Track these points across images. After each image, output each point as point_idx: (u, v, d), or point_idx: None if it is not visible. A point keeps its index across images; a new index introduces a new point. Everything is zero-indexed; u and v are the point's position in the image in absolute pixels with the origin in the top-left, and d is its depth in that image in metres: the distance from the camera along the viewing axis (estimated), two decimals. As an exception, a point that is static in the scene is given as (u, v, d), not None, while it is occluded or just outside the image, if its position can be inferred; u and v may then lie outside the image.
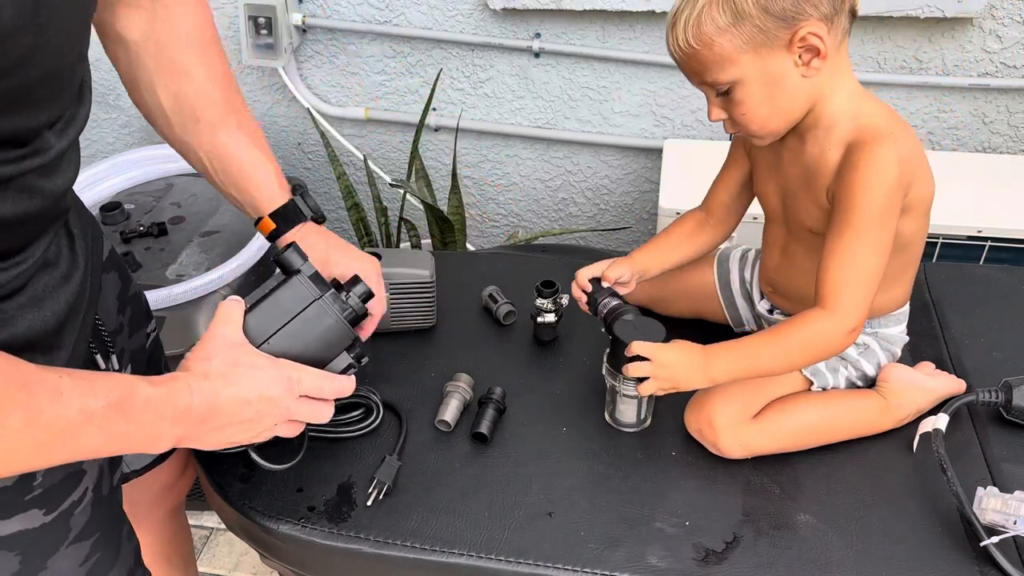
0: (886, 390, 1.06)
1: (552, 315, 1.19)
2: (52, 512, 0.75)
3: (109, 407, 0.65)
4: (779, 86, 0.92)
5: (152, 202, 1.78)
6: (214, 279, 1.53)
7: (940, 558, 0.91)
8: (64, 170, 0.70)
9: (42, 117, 0.64)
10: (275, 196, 0.96)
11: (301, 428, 0.84)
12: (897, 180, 0.91)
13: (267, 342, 0.82)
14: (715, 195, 1.16)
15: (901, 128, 0.94)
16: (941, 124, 1.84)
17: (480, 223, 2.25)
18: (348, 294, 0.88)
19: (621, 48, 1.87)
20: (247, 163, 0.94)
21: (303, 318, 0.84)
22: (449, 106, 2.05)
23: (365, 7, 1.94)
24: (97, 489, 0.81)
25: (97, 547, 0.81)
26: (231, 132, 0.92)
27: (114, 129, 2.28)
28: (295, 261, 0.86)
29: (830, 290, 0.92)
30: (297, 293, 0.85)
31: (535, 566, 0.92)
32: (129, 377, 0.69)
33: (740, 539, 0.94)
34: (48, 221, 0.71)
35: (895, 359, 1.11)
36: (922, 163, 0.96)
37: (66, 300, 0.73)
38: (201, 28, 0.90)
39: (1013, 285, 1.30)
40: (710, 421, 1.00)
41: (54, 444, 0.62)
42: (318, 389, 0.82)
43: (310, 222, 0.98)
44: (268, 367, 0.79)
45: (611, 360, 1.03)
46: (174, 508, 1.21)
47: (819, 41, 0.88)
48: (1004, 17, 1.68)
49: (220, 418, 0.75)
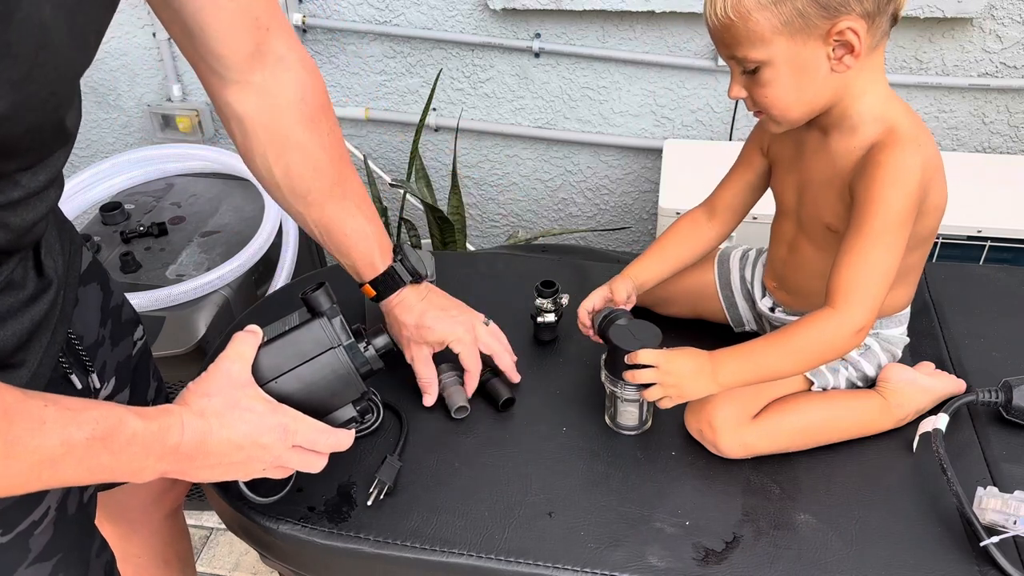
0: (886, 390, 1.06)
1: (552, 315, 1.19)
2: (8, 533, 0.74)
3: (93, 439, 0.64)
4: (807, 75, 0.90)
5: (152, 202, 1.78)
6: (214, 279, 1.53)
7: (940, 558, 0.91)
8: (35, 206, 0.68)
9: (13, 165, 0.63)
10: (376, 263, 1.02)
11: (290, 473, 0.83)
12: (918, 185, 0.90)
13: (275, 381, 0.81)
14: (722, 195, 1.15)
15: (925, 135, 0.94)
16: (941, 124, 1.85)
17: (480, 223, 2.25)
18: (368, 345, 0.87)
19: (621, 48, 1.87)
20: (350, 232, 0.99)
21: (316, 363, 0.83)
22: (449, 106, 2.05)
23: (365, 7, 1.94)
24: (61, 508, 0.80)
25: (59, 568, 0.80)
26: (337, 202, 0.97)
27: (114, 129, 2.28)
28: (321, 304, 0.85)
29: (841, 289, 0.92)
30: (315, 336, 0.83)
31: (535, 566, 0.92)
32: (119, 409, 0.68)
33: (740, 539, 0.94)
34: (11, 252, 0.69)
35: (895, 360, 1.11)
36: (940, 171, 0.96)
37: (30, 319, 0.72)
38: (311, 96, 0.91)
39: (1013, 285, 1.30)
40: (710, 421, 1.00)
41: (31, 474, 0.62)
42: (312, 443, 0.81)
43: (410, 285, 1.05)
44: (266, 414, 0.77)
45: (609, 366, 1.03)
46: (172, 511, 1.21)
47: (855, 38, 0.87)
48: (1004, 17, 1.68)
49: (208, 459, 0.74)
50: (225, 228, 1.71)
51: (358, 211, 0.99)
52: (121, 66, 2.16)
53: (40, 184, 0.67)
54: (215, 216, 1.74)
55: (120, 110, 2.24)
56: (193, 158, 1.84)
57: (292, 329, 0.84)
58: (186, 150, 1.85)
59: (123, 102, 2.22)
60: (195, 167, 1.85)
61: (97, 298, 0.94)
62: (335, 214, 0.97)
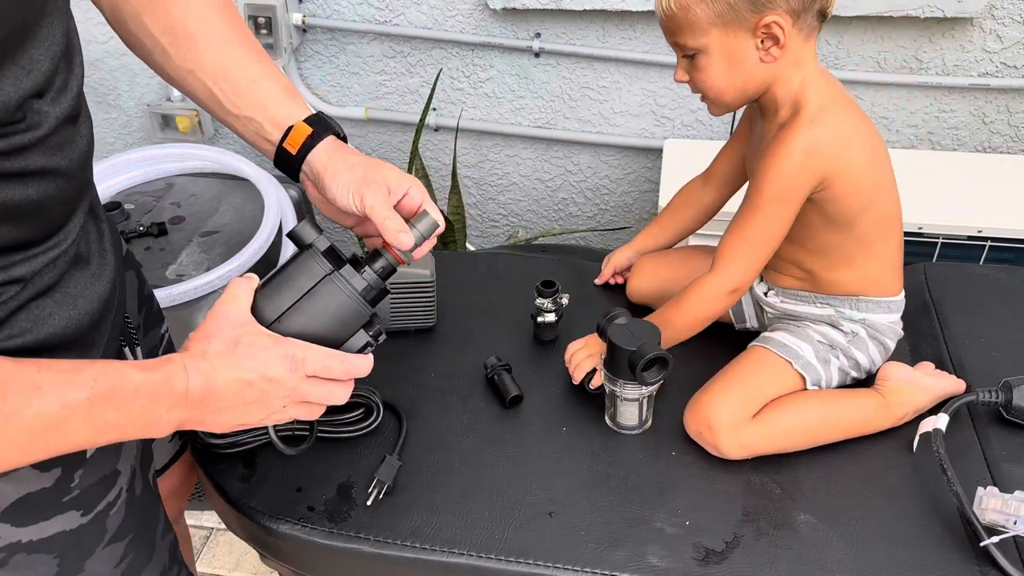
0: (885, 388, 1.07)
1: (552, 315, 1.19)
2: (89, 513, 0.75)
3: (95, 398, 0.63)
4: (737, 63, 0.99)
5: (152, 202, 1.78)
6: (214, 279, 1.53)
7: (940, 558, 0.91)
8: (72, 144, 0.66)
9: (24, 83, 0.60)
10: (299, 105, 0.85)
11: (320, 410, 0.79)
12: (800, 165, 0.97)
13: (278, 321, 0.77)
14: (717, 164, 1.24)
15: (831, 117, 0.98)
16: (941, 124, 1.84)
17: (480, 223, 2.25)
18: (365, 269, 0.81)
19: (621, 48, 1.87)
20: (259, 75, 0.83)
21: (315, 294, 0.78)
22: (449, 106, 2.05)
23: (365, 7, 1.94)
24: (131, 489, 0.80)
25: (131, 548, 0.81)
26: (235, 48, 0.82)
27: (114, 129, 2.28)
28: (307, 235, 0.80)
29: (720, 255, 1.04)
30: (308, 269, 0.79)
31: (535, 566, 0.92)
32: (117, 364, 0.66)
33: (740, 539, 0.94)
34: (69, 203, 0.68)
35: (888, 352, 1.11)
36: (852, 151, 1.00)
37: (99, 297, 0.72)
38: None
39: (1013, 285, 1.30)
40: (708, 423, 1.01)
41: (35, 442, 0.61)
42: (326, 369, 0.76)
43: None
44: (270, 346, 0.74)
45: (608, 365, 1.03)
46: (178, 513, 1.21)
47: (780, 32, 0.95)
48: (1004, 17, 1.68)
49: (220, 400, 0.71)
50: (225, 228, 1.71)
51: (263, 59, 0.84)
52: (121, 66, 2.16)
53: (62, 113, 0.64)
54: (215, 216, 1.74)
55: (120, 110, 2.24)
56: (193, 158, 1.84)
57: (283, 266, 0.80)
58: (186, 150, 1.85)
59: (123, 102, 2.22)
60: (195, 167, 1.85)
61: (135, 284, 0.94)
62: (235, 59, 0.82)
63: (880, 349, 1.10)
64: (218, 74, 0.82)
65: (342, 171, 0.82)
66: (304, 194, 1.89)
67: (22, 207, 0.62)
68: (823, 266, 1.08)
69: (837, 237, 1.05)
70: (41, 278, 0.66)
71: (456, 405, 1.11)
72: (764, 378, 1.05)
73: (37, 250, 0.65)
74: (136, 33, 0.81)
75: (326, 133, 0.84)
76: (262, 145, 0.86)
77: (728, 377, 1.06)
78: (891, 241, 1.08)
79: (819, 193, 1.00)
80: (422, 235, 0.83)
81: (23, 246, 0.64)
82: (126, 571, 0.80)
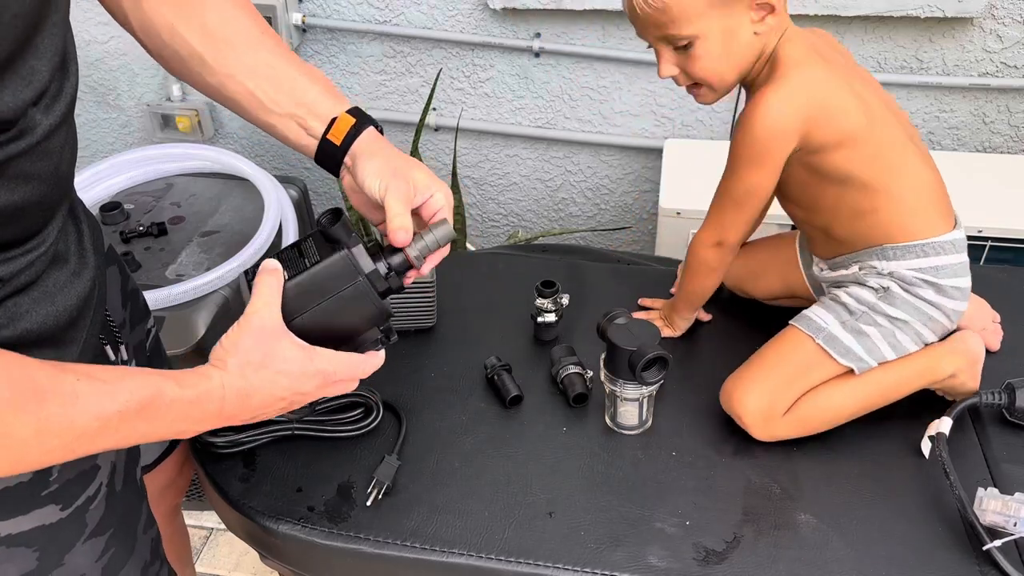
0: (952, 350, 1.05)
1: (552, 315, 1.19)
2: (68, 508, 0.75)
3: (129, 412, 0.64)
4: (735, 40, 0.98)
5: (152, 202, 1.78)
6: (214, 279, 1.53)
7: (941, 558, 0.91)
8: (58, 151, 0.67)
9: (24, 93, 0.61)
10: (340, 99, 0.86)
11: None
12: (766, 127, 0.97)
13: (300, 317, 0.79)
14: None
15: (798, 73, 0.98)
16: (941, 124, 1.84)
17: (480, 223, 2.25)
18: (389, 268, 0.83)
19: (621, 48, 1.87)
20: (298, 73, 0.84)
21: (340, 297, 0.80)
22: (449, 106, 2.05)
23: (365, 7, 1.94)
24: (111, 484, 0.81)
25: (112, 542, 0.81)
26: (270, 48, 0.84)
27: (114, 129, 2.28)
28: (342, 235, 0.81)
29: (707, 215, 1.08)
30: (338, 271, 0.80)
31: (535, 566, 0.92)
32: (154, 377, 0.67)
33: (740, 539, 0.94)
34: (50, 207, 0.69)
35: (944, 307, 1.03)
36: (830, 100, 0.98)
37: (77, 295, 0.72)
38: None
39: (1013, 285, 1.30)
40: (740, 418, 1.03)
41: (65, 448, 0.62)
42: (351, 377, 0.80)
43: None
44: (305, 362, 0.76)
45: (608, 365, 1.03)
46: (171, 509, 1.21)
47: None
48: (1004, 17, 1.68)
49: (252, 412, 0.75)
50: (225, 228, 1.71)
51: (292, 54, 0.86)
52: (121, 66, 2.16)
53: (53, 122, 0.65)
54: (215, 216, 1.74)
55: (120, 110, 2.24)
56: (193, 158, 1.84)
57: (314, 264, 0.80)
58: (186, 150, 1.85)
59: (123, 102, 2.22)
60: (195, 167, 1.85)
61: (117, 280, 0.95)
62: (274, 59, 0.83)
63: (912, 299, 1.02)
64: (259, 75, 0.83)
65: (379, 158, 0.83)
66: (304, 194, 1.89)
67: (4, 212, 0.63)
68: (839, 223, 1.04)
69: (838, 190, 1.01)
70: (19, 277, 0.66)
71: (456, 405, 1.11)
72: (794, 367, 1.03)
73: (16, 252, 0.66)
74: (171, 45, 0.81)
75: (368, 124, 0.86)
76: (302, 141, 0.86)
77: (758, 365, 1.05)
78: (903, 181, 1.01)
79: (808, 155, 0.99)
80: (436, 240, 0.83)
81: (2, 248, 0.65)
82: (107, 565, 0.81)
